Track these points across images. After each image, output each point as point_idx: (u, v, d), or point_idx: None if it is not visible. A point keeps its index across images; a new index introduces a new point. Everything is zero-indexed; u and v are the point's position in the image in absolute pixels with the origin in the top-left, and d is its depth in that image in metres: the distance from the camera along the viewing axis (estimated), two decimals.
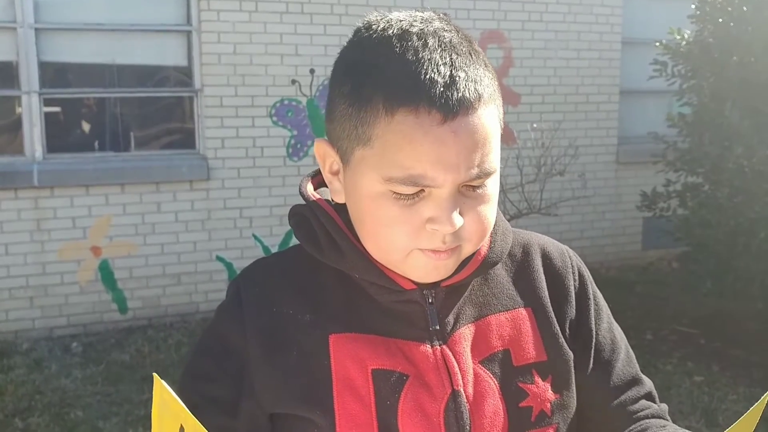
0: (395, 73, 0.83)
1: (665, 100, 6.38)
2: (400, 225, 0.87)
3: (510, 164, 5.28)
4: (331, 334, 0.92)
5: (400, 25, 0.87)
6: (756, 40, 4.60)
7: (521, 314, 0.98)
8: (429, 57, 0.83)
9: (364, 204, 0.89)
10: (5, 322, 5.12)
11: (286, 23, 5.60)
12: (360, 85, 0.86)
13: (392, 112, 0.83)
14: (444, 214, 0.85)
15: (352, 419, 0.90)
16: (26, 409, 4.06)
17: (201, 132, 5.54)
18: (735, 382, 4.27)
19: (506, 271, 1.02)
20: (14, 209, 5.07)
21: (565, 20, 6.49)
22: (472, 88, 0.84)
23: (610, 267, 6.69)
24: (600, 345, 1.03)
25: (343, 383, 0.91)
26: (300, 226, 0.97)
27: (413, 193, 0.85)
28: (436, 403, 0.91)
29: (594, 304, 1.05)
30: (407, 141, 0.83)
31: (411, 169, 0.83)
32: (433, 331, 0.94)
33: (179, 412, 0.74)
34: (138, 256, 5.40)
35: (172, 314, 5.48)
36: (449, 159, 0.83)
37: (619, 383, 1.03)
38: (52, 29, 5.19)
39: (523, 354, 0.96)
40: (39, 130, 5.16)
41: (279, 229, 5.70)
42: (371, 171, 0.86)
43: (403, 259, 0.89)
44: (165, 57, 5.60)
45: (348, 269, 0.94)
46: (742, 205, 4.66)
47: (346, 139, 0.88)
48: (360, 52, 0.88)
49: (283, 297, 0.96)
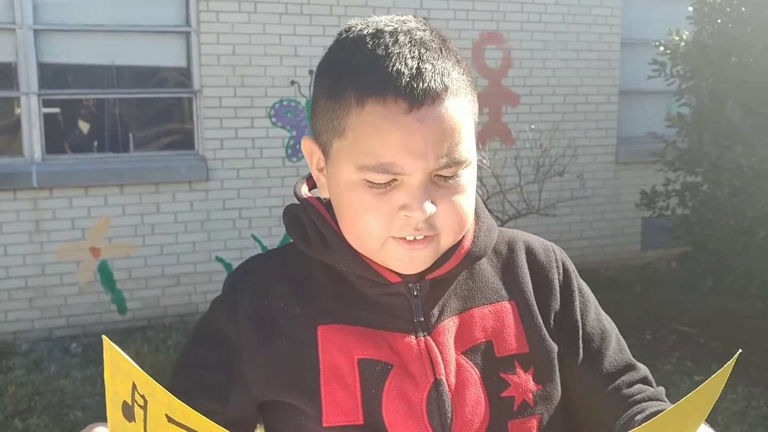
0: (366, 67, 0.88)
1: (664, 100, 6.39)
2: (374, 213, 0.90)
3: (509, 165, 5.28)
4: (319, 325, 0.96)
5: (375, 26, 0.92)
6: (754, 41, 4.61)
7: (505, 307, 1.01)
8: (398, 51, 0.88)
9: (341, 194, 0.93)
10: (4, 323, 5.12)
11: (285, 24, 5.60)
12: (336, 81, 0.91)
13: (363, 103, 0.88)
14: (415, 202, 0.88)
15: (338, 406, 0.93)
16: (26, 410, 4.06)
17: (200, 133, 5.55)
18: (734, 382, 4.27)
19: (491, 266, 1.05)
20: (13, 210, 5.07)
21: (564, 21, 6.50)
22: (438, 80, 0.87)
23: (609, 267, 6.70)
24: (588, 335, 1.05)
25: (330, 372, 0.94)
26: (291, 223, 1.02)
27: (386, 182, 0.89)
28: (419, 392, 0.94)
29: (579, 296, 1.07)
30: (376, 130, 0.87)
31: (381, 157, 0.87)
32: (418, 322, 0.97)
33: (130, 371, 0.74)
34: (137, 257, 5.40)
35: (172, 315, 5.48)
36: (417, 147, 0.87)
37: (612, 370, 1.04)
38: (51, 30, 5.19)
39: (505, 345, 0.99)
40: (38, 131, 5.16)
41: (278, 229, 5.70)
42: (346, 161, 0.91)
43: (380, 248, 0.93)
44: (164, 58, 5.60)
45: (336, 263, 0.98)
46: (742, 204, 4.66)
47: (325, 133, 0.94)
48: (338, 52, 0.94)
49: (275, 290, 1.00)
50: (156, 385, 0.74)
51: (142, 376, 0.74)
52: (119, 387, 0.76)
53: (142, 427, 0.76)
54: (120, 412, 0.78)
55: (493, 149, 5.60)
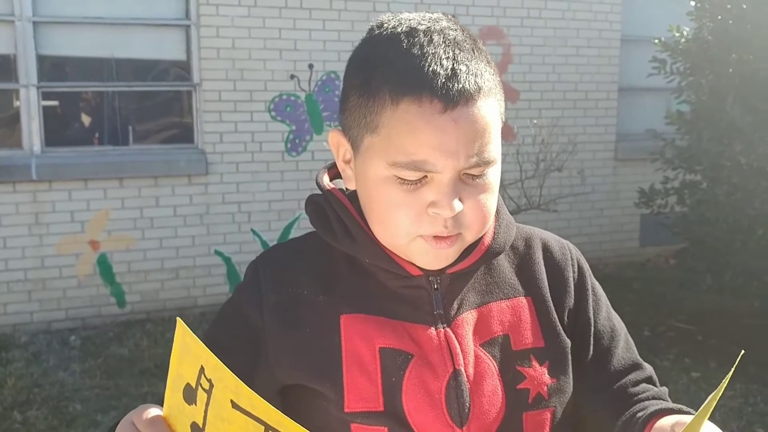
0: (401, 66, 0.90)
1: (664, 97, 6.39)
2: (404, 209, 0.92)
3: (509, 160, 5.28)
4: (342, 314, 0.98)
5: (408, 24, 0.93)
6: (755, 38, 4.61)
7: (521, 302, 1.04)
8: (433, 51, 0.89)
9: (371, 189, 0.95)
10: (3, 315, 5.12)
11: (285, 18, 5.59)
12: (369, 78, 0.92)
13: (397, 102, 0.89)
14: (444, 199, 0.90)
15: (359, 393, 0.95)
16: (25, 402, 4.06)
17: (199, 126, 5.54)
18: (732, 379, 4.26)
19: (509, 262, 1.07)
20: (12, 203, 5.07)
21: (564, 17, 6.49)
22: (472, 81, 0.89)
23: (608, 263, 6.70)
24: (599, 333, 1.08)
25: (352, 359, 0.96)
26: (315, 214, 1.04)
27: (416, 179, 0.91)
28: (438, 381, 0.96)
29: (592, 294, 1.10)
30: (410, 128, 0.89)
31: (414, 154, 0.89)
32: (438, 314, 0.99)
33: (201, 353, 0.75)
34: (136, 250, 5.41)
35: (171, 308, 5.48)
36: (449, 146, 0.89)
37: (619, 368, 1.07)
38: (51, 22, 5.18)
39: (521, 339, 1.01)
40: (37, 123, 5.16)
41: (277, 223, 5.70)
42: (378, 157, 0.92)
43: (407, 244, 0.95)
44: (164, 51, 5.59)
45: (359, 254, 1.00)
46: (741, 202, 4.66)
47: (356, 128, 0.95)
48: (371, 48, 0.95)
49: (299, 278, 1.02)
50: (226, 370, 0.74)
51: (212, 359, 0.75)
52: (186, 369, 0.77)
53: (203, 411, 0.77)
54: (180, 395, 0.79)
55: None
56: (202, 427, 0.78)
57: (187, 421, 0.79)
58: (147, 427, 0.82)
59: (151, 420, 0.83)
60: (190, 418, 0.79)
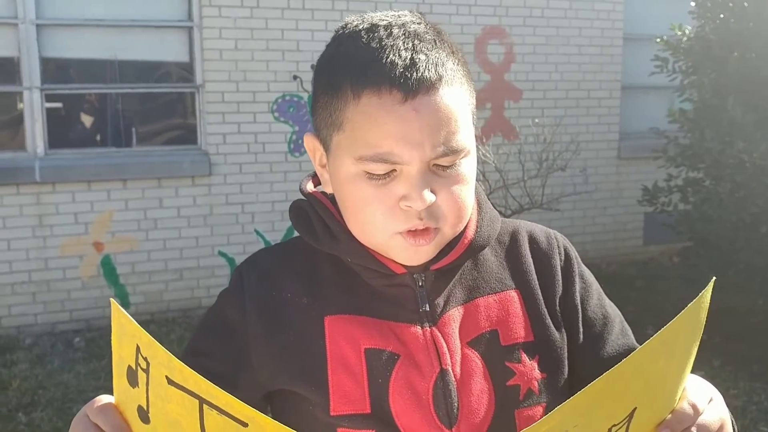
0: (361, 60, 0.90)
1: (666, 95, 6.38)
2: (376, 204, 0.92)
3: (512, 159, 5.28)
4: (326, 316, 0.97)
5: (370, 21, 0.94)
6: (757, 36, 4.61)
7: (510, 296, 1.02)
8: (392, 43, 0.89)
9: (343, 187, 0.95)
10: (8, 317, 5.14)
11: (288, 19, 5.60)
12: (332, 76, 0.93)
13: (359, 95, 0.89)
14: (414, 191, 0.89)
15: (345, 395, 0.94)
16: (29, 403, 4.08)
17: (203, 128, 5.55)
18: (735, 377, 4.28)
19: (495, 256, 1.06)
20: (16, 205, 5.09)
21: (566, 16, 6.49)
22: (432, 69, 0.88)
23: (611, 262, 6.70)
24: (590, 320, 1.06)
25: (338, 361, 0.95)
26: (297, 218, 1.04)
27: (385, 173, 0.90)
28: (425, 382, 0.94)
29: (580, 280, 1.08)
30: (372, 120, 0.88)
31: (378, 147, 0.89)
32: (423, 312, 0.98)
33: (135, 332, 0.75)
34: (140, 252, 5.42)
35: (175, 309, 5.50)
36: (413, 136, 0.88)
37: (613, 354, 1.04)
38: (54, 25, 5.19)
39: (510, 334, 1.00)
40: (41, 125, 5.17)
41: (281, 224, 5.71)
42: (345, 154, 0.92)
43: (386, 241, 0.94)
44: (166, 53, 5.61)
45: (342, 254, 0.99)
46: (744, 200, 4.66)
47: (325, 128, 0.95)
48: (335, 48, 0.95)
49: (283, 282, 1.01)
50: (158, 345, 0.73)
51: (145, 336, 0.74)
52: (124, 350, 0.76)
53: (145, 392, 0.76)
54: (125, 380, 0.78)
55: (496, 144, 5.61)
56: (146, 409, 0.77)
57: (133, 405, 0.78)
58: (97, 415, 0.82)
59: (100, 408, 0.82)
60: (135, 402, 0.78)
